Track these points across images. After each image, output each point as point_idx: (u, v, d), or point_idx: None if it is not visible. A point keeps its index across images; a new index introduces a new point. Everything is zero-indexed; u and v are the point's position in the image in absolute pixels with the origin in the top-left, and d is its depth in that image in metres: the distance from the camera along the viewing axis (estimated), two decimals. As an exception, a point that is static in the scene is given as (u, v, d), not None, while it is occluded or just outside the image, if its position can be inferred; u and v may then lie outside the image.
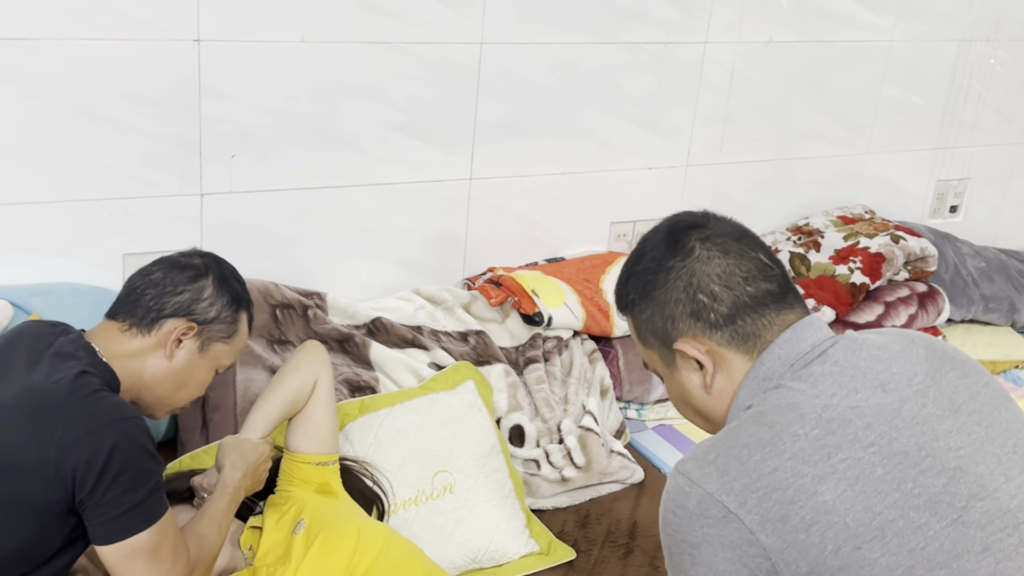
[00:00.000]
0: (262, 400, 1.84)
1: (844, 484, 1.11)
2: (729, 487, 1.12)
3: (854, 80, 3.00)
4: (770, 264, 1.28)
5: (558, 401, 2.36)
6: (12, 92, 2.01)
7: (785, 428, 1.15)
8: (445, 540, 1.97)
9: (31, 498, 1.44)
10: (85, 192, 2.14)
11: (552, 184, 2.65)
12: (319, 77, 2.28)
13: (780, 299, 1.26)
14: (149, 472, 1.49)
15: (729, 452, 1.15)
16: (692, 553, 1.14)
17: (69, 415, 1.45)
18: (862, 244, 2.85)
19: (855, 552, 1.09)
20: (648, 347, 1.33)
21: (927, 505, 1.11)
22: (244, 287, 1.74)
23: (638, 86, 2.67)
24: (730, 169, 2.89)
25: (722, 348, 1.25)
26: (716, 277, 1.25)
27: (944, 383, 1.22)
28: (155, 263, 1.69)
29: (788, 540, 1.10)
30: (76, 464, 1.42)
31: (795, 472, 1.12)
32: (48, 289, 2.11)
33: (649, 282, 1.29)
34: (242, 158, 2.26)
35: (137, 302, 1.63)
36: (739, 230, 1.31)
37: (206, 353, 1.68)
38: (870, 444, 1.14)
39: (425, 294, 2.50)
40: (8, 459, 1.44)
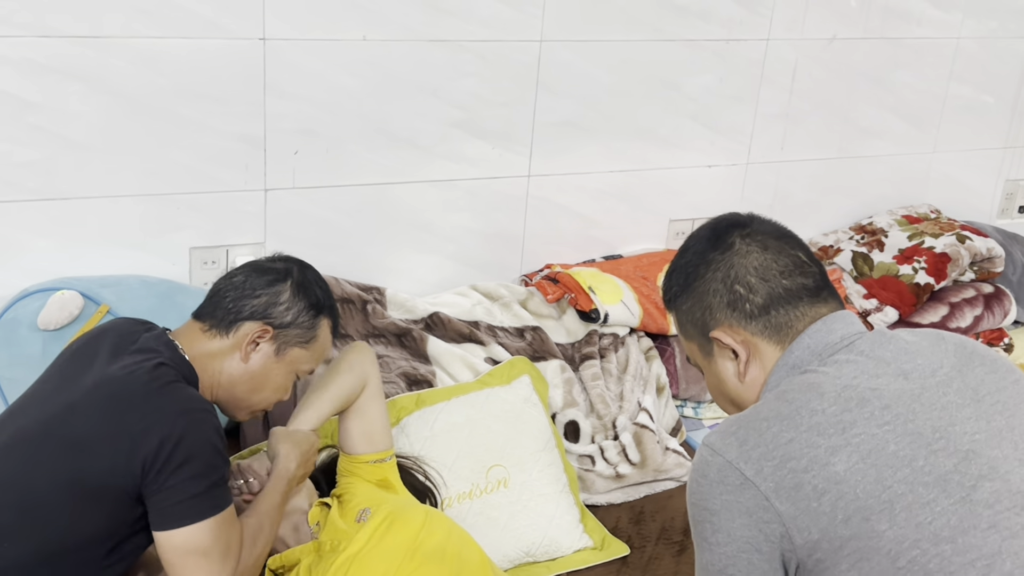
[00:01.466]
0: (314, 395, 1.83)
1: (856, 457, 1.15)
2: (747, 456, 1.17)
3: (920, 78, 2.95)
4: (807, 262, 1.33)
5: (613, 398, 2.35)
6: (83, 89, 2.06)
7: (804, 404, 1.19)
8: (499, 533, 1.97)
9: (101, 485, 1.46)
10: (153, 187, 2.18)
11: (611, 182, 2.64)
12: (380, 75, 2.30)
13: (815, 294, 1.31)
14: (214, 466, 1.50)
15: (749, 424, 1.20)
16: (712, 520, 1.19)
17: (144, 404, 1.48)
18: (927, 244, 2.80)
19: (864, 523, 1.12)
20: (689, 339, 1.38)
21: (936, 482, 1.14)
22: (328, 293, 1.73)
23: (699, 84, 2.65)
24: (792, 167, 2.85)
25: (756, 338, 1.30)
26: (753, 270, 1.30)
27: (970, 376, 1.24)
28: (240, 267, 1.71)
29: (801, 507, 1.14)
30: (147, 452, 1.45)
31: (810, 443, 1.16)
32: (117, 281, 2.15)
33: (690, 274, 1.35)
34: (305, 154, 2.28)
35: (218, 304, 1.66)
36: (780, 230, 1.36)
37: (283, 357, 1.68)
38: (886, 423, 1.17)
39: (482, 290, 2.50)
40: (83, 446, 1.47)
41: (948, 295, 2.77)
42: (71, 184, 2.11)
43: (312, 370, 1.76)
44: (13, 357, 2.01)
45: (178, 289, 2.20)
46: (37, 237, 2.12)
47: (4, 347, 2.02)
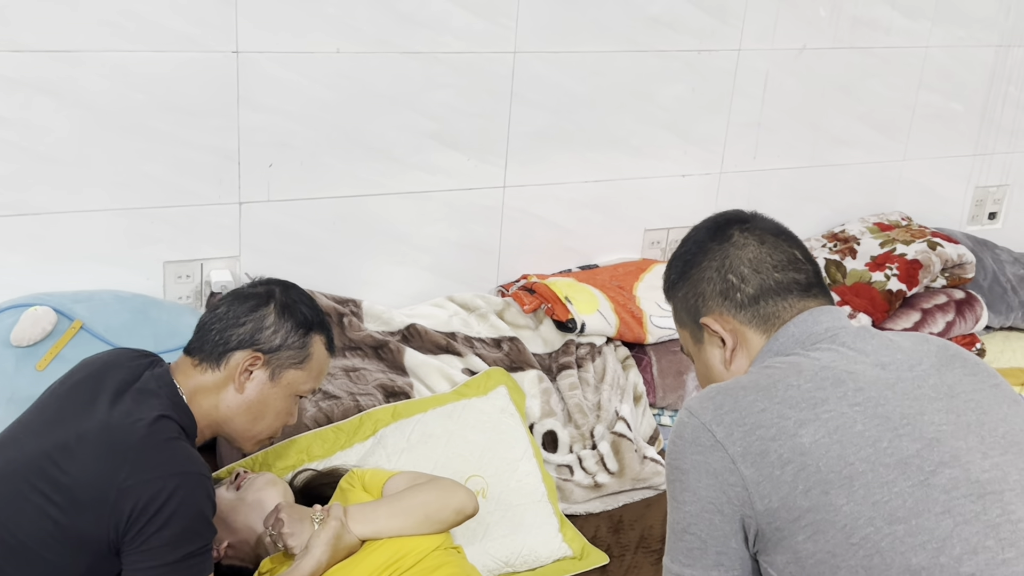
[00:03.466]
0: (389, 512, 1.70)
1: (823, 432, 1.18)
2: (720, 419, 1.21)
3: (890, 87, 2.96)
4: (802, 260, 1.36)
5: (591, 407, 2.35)
6: (54, 103, 2.04)
7: (782, 378, 1.23)
8: (478, 543, 1.96)
9: (84, 533, 1.44)
10: (126, 201, 2.16)
11: (585, 192, 2.64)
12: (354, 87, 2.29)
13: (805, 290, 1.33)
14: (197, 533, 1.47)
15: (727, 391, 1.24)
16: (682, 479, 1.23)
17: (138, 458, 1.46)
18: (899, 251, 2.81)
19: (823, 496, 1.15)
20: (682, 326, 1.42)
21: (897, 464, 1.16)
22: (316, 310, 1.70)
23: (671, 94, 2.66)
24: (765, 176, 2.86)
25: (744, 327, 1.33)
26: (748, 261, 1.34)
27: (948, 375, 1.27)
28: (222, 298, 1.68)
29: (764, 473, 1.17)
30: (134, 506, 1.43)
31: (781, 415, 1.19)
32: (90, 296, 2.13)
33: (688, 262, 1.38)
34: (280, 167, 2.27)
35: (205, 338, 1.64)
36: (779, 228, 1.39)
37: (278, 382, 1.65)
38: (856, 404, 1.20)
39: (459, 301, 2.50)
40: (73, 493, 1.45)
41: (920, 301, 2.78)
42: (43, 199, 2.09)
43: (313, 389, 1.72)
44: (-15, 374, 1.99)
45: (152, 304, 2.19)
46: (9, 252, 2.10)
47: (-24, 364, 2.00)
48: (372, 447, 2.05)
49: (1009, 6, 3.03)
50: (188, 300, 2.29)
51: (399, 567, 1.62)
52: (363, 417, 2.09)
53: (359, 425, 2.08)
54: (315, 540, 1.63)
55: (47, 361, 2.00)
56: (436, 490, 1.75)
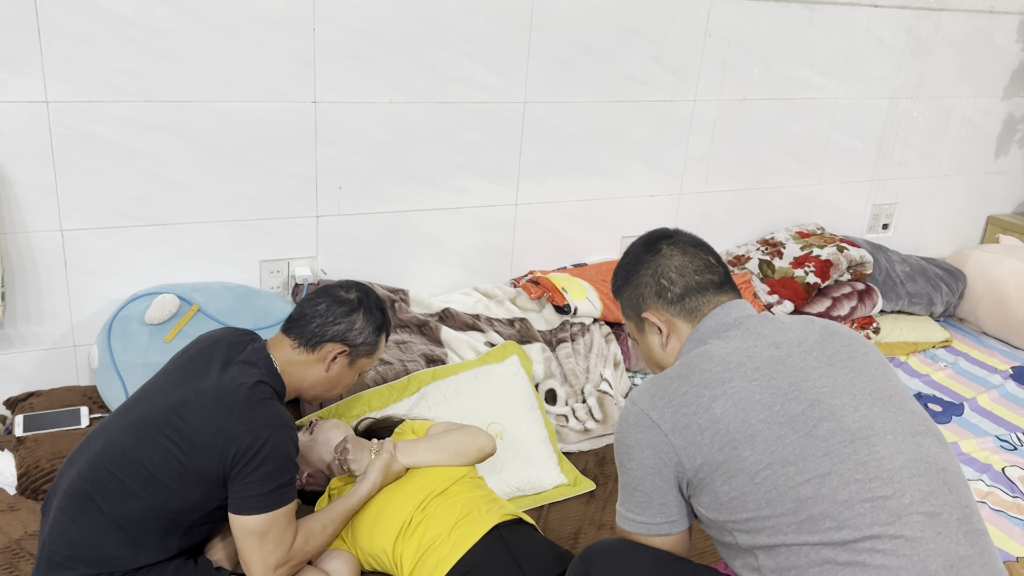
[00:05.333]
0: (429, 445, 1.69)
1: (731, 403, 1.19)
2: (655, 405, 1.22)
3: (809, 128, 2.95)
4: (716, 264, 1.37)
5: (582, 371, 2.34)
6: (177, 141, 2.04)
7: (697, 366, 1.24)
8: (497, 474, 1.96)
9: (201, 469, 1.44)
10: (231, 215, 2.16)
11: (577, 208, 2.63)
12: (403, 129, 2.28)
13: (719, 287, 1.35)
14: (285, 470, 1.46)
15: (658, 383, 1.25)
16: (628, 452, 1.24)
17: (242, 413, 1.45)
18: (815, 253, 2.80)
19: (733, 451, 1.17)
20: (628, 319, 1.42)
21: (787, 422, 1.17)
22: (385, 313, 1.69)
23: (643, 133, 2.64)
24: (713, 196, 2.85)
25: (675, 318, 1.34)
26: (675, 268, 1.35)
27: (828, 347, 1.26)
28: (321, 294, 1.65)
29: (689, 440, 1.19)
30: (238, 449, 1.42)
31: (698, 394, 1.20)
32: (205, 286, 2.14)
33: (629, 271, 1.40)
34: (347, 189, 2.27)
35: (305, 327, 1.61)
36: (696, 240, 1.40)
37: (353, 366, 1.67)
38: (755, 380, 1.21)
39: (482, 290, 2.49)
40: (191, 437, 1.45)
41: (831, 291, 2.77)
42: (168, 213, 2.10)
43: (370, 368, 1.73)
44: (126, 344, 2.00)
45: (252, 292, 2.18)
46: (143, 254, 2.10)
47: (120, 337, 2.00)
48: (416, 401, 2.05)
49: (899, 67, 3.01)
50: (278, 290, 2.29)
51: (434, 489, 1.62)
52: (410, 378, 2.09)
53: (407, 384, 2.08)
54: (371, 467, 1.63)
55: (172, 335, 2.01)
56: (465, 432, 1.74)
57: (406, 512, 1.57)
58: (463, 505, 1.57)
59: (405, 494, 1.61)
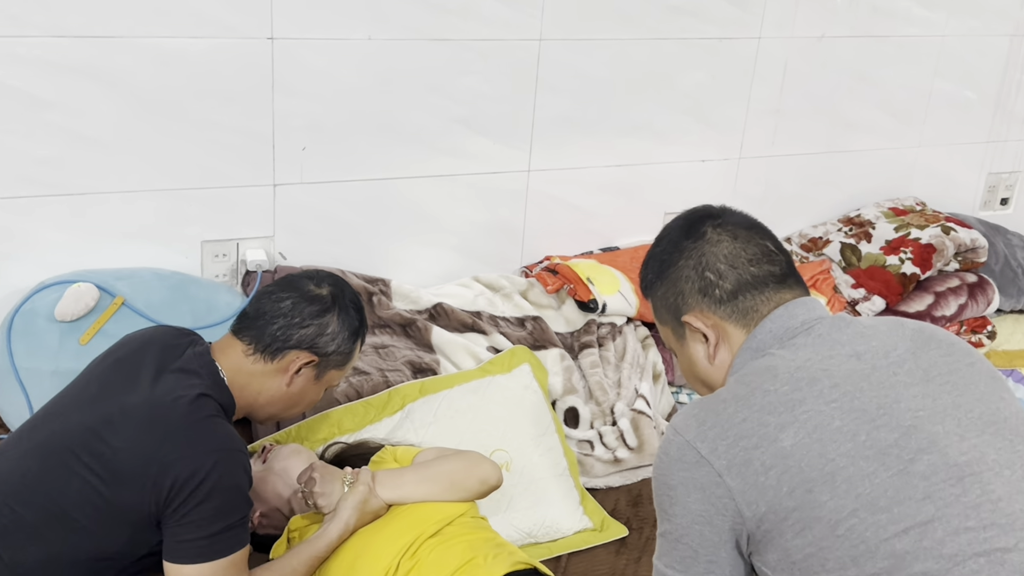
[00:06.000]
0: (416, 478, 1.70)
1: (803, 433, 1.17)
2: (704, 435, 1.20)
3: (906, 75, 2.94)
4: (775, 251, 1.35)
5: (611, 385, 2.36)
6: (95, 87, 2.06)
7: (758, 385, 1.22)
8: (503, 514, 1.97)
9: (127, 506, 1.46)
10: (165, 182, 2.18)
11: (607, 176, 2.64)
12: (385, 73, 2.29)
13: (780, 281, 1.33)
14: (235, 507, 1.49)
15: (708, 406, 1.23)
16: (670, 494, 1.22)
17: (180, 435, 1.47)
18: (913, 235, 2.80)
19: (807, 494, 1.15)
20: (663, 323, 1.40)
21: (876, 456, 1.16)
22: (362, 314, 1.72)
23: (692, 80, 2.65)
24: (782, 161, 2.85)
25: (724, 322, 1.32)
26: (723, 258, 1.33)
27: (923, 358, 1.25)
28: (285, 288, 1.67)
29: (749, 482, 1.17)
30: (175, 480, 1.44)
31: (760, 422, 1.19)
32: (132, 273, 2.16)
33: (664, 262, 1.37)
34: (312, 151, 2.28)
35: (264, 329, 1.62)
36: (750, 221, 1.38)
37: (320, 379, 1.69)
38: (833, 400, 1.19)
39: (484, 281, 2.51)
40: (116, 465, 1.46)
41: (933, 284, 2.77)
42: (86, 180, 2.11)
43: (339, 383, 1.76)
44: (31, 348, 2.02)
45: (190, 281, 2.20)
46: (53, 231, 2.12)
47: (22, 338, 2.03)
48: (400, 421, 2.07)
49: (1025, -4, 3.01)
50: (225, 278, 2.31)
51: (423, 532, 1.62)
52: (391, 392, 2.11)
53: (388, 400, 2.09)
54: (343, 504, 1.64)
55: (90, 336, 2.03)
56: (462, 460, 1.76)
57: (389, 558, 1.58)
58: (464, 550, 1.58)
59: (388, 537, 1.62)
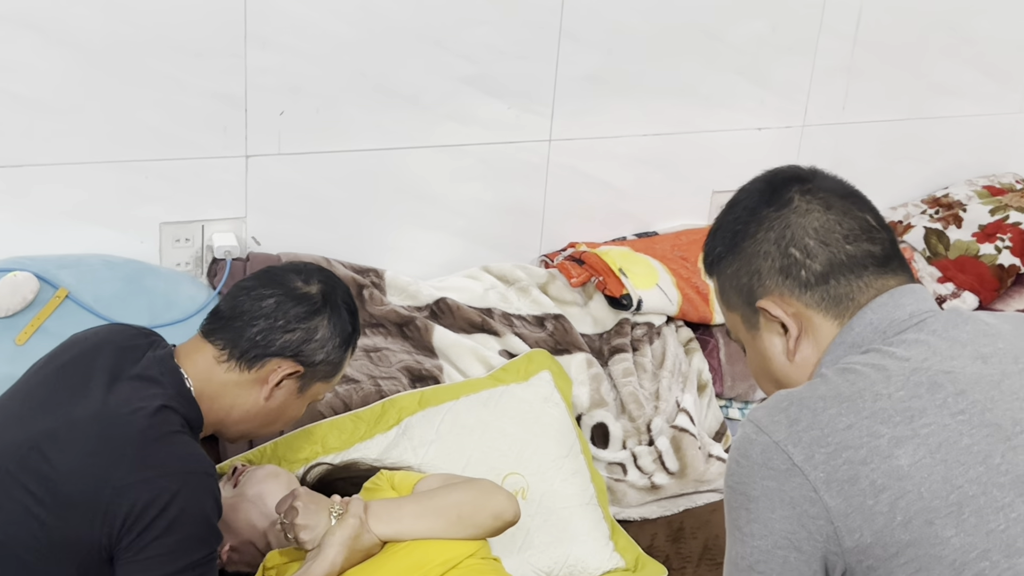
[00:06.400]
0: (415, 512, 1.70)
1: (924, 450, 1.14)
2: (797, 438, 1.16)
3: (1005, 27, 2.93)
4: (876, 227, 1.31)
5: (648, 397, 2.35)
6: (37, 40, 2.06)
7: (868, 387, 1.18)
8: (517, 551, 1.98)
9: (75, 537, 1.46)
10: (117, 153, 2.18)
11: (644, 147, 2.63)
12: (378, 23, 2.29)
13: (882, 263, 1.29)
14: (201, 541, 1.50)
15: (803, 402, 1.19)
16: (749, 507, 1.18)
17: (137, 454, 1.47)
18: (1012, 219, 2.80)
19: (927, 527, 1.12)
20: (731, 308, 1.37)
21: (1013, 483, 1.13)
22: (356, 318, 1.73)
23: (747, 33, 2.64)
24: (854, 130, 2.85)
25: (810, 311, 1.29)
26: (813, 231, 1.29)
27: None
28: (268, 284, 1.67)
29: (854, 504, 1.13)
30: (131, 507, 1.44)
31: (871, 432, 1.15)
32: (77, 261, 2.16)
33: (739, 232, 1.33)
34: (292, 115, 2.28)
35: (242, 332, 1.63)
36: (847, 188, 1.34)
37: (304, 393, 1.70)
38: (960, 412, 1.16)
39: (496, 272, 2.51)
40: (60, 488, 1.46)
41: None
42: (22, 149, 2.11)
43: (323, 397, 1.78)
44: (-42, 348, 2.03)
45: (147, 271, 2.21)
46: (-15, 210, 2.13)
47: (-52, 337, 2.03)
48: (396, 438, 2.07)
49: None
50: (187, 267, 2.31)
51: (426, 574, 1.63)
52: (386, 404, 2.11)
53: (381, 413, 2.10)
54: (329, 539, 1.64)
55: (28, 335, 2.04)
56: (472, 490, 1.75)
57: None
58: None
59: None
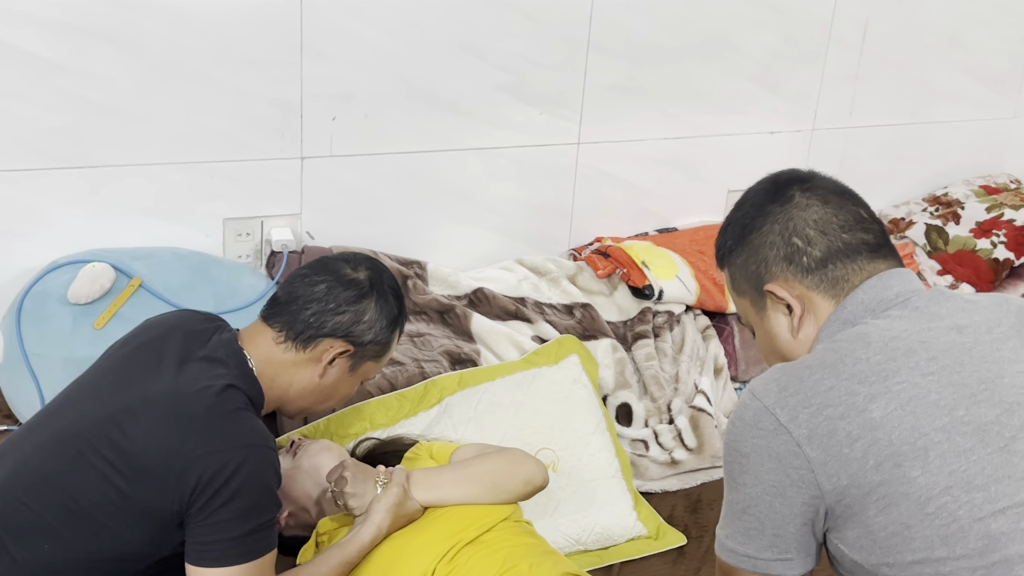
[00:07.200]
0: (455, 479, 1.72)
1: (895, 404, 1.19)
2: (784, 402, 1.22)
3: (1000, 37, 2.91)
4: (868, 219, 1.36)
5: (668, 379, 2.36)
6: (112, 51, 2.08)
7: (849, 352, 1.24)
8: (547, 519, 1.99)
9: (148, 503, 1.47)
10: (185, 155, 2.20)
11: (665, 149, 2.63)
12: (422, 35, 2.30)
13: (874, 250, 1.34)
14: (263, 507, 1.50)
15: (792, 372, 1.25)
16: (741, 462, 1.25)
17: (206, 429, 1.48)
18: (1007, 216, 2.78)
19: (896, 468, 1.17)
20: (741, 295, 1.42)
21: (975, 432, 1.18)
22: (402, 301, 1.74)
23: (761, 43, 2.63)
24: (861, 134, 2.84)
25: (811, 292, 1.34)
26: (813, 223, 1.34)
27: None
28: (320, 271, 1.69)
29: (832, 453, 1.19)
30: (200, 477, 1.45)
31: (849, 391, 1.20)
32: (149, 253, 2.18)
33: (747, 227, 1.38)
34: (342, 120, 2.29)
35: (297, 315, 1.64)
36: (841, 187, 1.39)
37: (356, 371, 1.70)
38: (930, 373, 1.21)
39: (529, 264, 2.51)
40: (136, 460, 1.48)
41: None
42: (100, 151, 2.14)
43: (376, 374, 1.79)
44: (42, 332, 2.05)
45: (212, 262, 2.23)
46: (66, 207, 2.15)
47: (33, 321, 2.06)
48: (437, 416, 2.08)
49: None
50: (248, 259, 2.33)
51: (462, 538, 1.63)
52: (428, 385, 2.12)
53: (424, 393, 2.11)
54: (376, 506, 1.65)
55: (105, 320, 2.06)
56: (505, 459, 1.76)
57: (425, 566, 1.59)
58: (505, 557, 1.59)
59: (423, 542, 1.63)
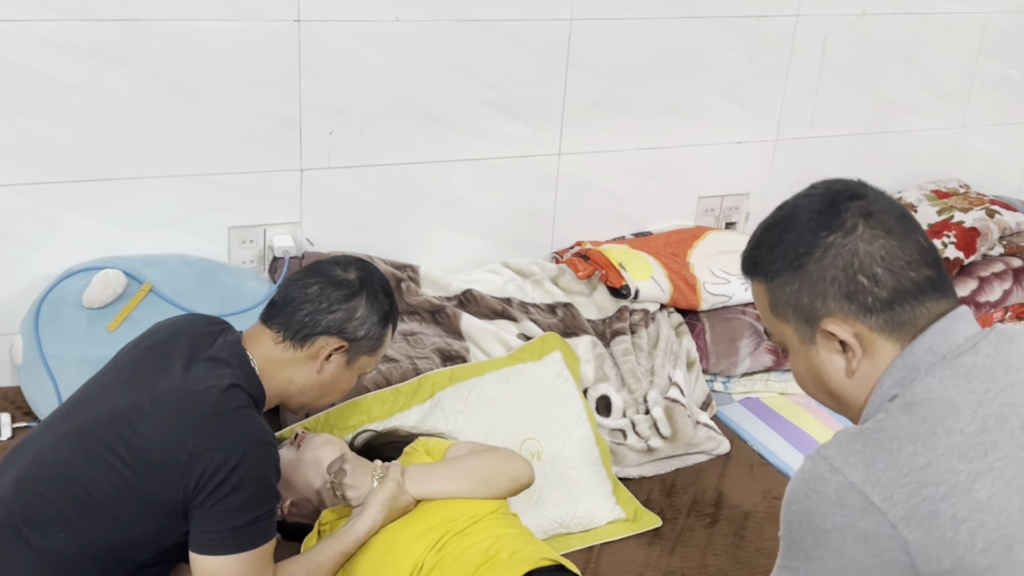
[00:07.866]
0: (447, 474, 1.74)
1: (1000, 483, 1.07)
2: (875, 479, 1.08)
3: (949, 53, 2.93)
4: (928, 248, 1.19)
5: (644, 373, 2.37)
6: (122, 71, 2.09)
7: (939, 423, 1.10)
8: (533, 505, 2.00)
9: (155, 495, 1.49)
10: (192, 168, 2.21)
11: (640, 159, 2.65)
12: (413, 55, 2.32)
13: (939, 287, 1.18)
14: (262, 500, 1.52)
15: (877, 443, 1.10)
16: (818, 536, 1.10)
17: (210, 425, 1.50)
18: (956, 218, 2.78)
19: (1006, 552, 1.05)
20: (782, 319, 1.23)
21: None
22: (392, 299, 1.73)
23: (728, 60, 2.65)
24: (821, 143, 2.85)
25: (873, 333, 1.17)
26: (880, 259, 1.16)
27: None
28: (312, 273, 1.69)
29: (934, 536, 1.05)
30: (203, 470, 1.47)
31: (949, 468, 1.07)
32: (159, 260, 2.20)
33: (803, 255, 1.19)
34: (339, 134, 2.31)
35: (292, 316, 1.65)
36: (898, 208, 1.22)
37: (352, 366, 1.71)
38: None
39: (514, 267, 2.53)
40: (145, 454, 1.49)
41: (977, 269, 2.76)
42: (112, 165, 2.15)
43: (372, 369, 1.79)
44: (59, 334, 2.07)
45: (217, 268, 2.24)
46: (80, 217, 2.17)
47: (50, 324, 2.07)
48: (430, 409, 2.09)
49: (1075, -31, 2.97)
50: (252, 264, 2.34)
51: (450, 529, 1.64)
52: (421, 380, 2.13)
53: (417, 388, 2.12)
54: (372, 500, 1.67)
55: (118, 322, 2.07)
56: (495, 457, 1.78)
57: (417, 555, 1.61)
58: (489, 545, 1.61)
59: (415, 533, 1.65)
